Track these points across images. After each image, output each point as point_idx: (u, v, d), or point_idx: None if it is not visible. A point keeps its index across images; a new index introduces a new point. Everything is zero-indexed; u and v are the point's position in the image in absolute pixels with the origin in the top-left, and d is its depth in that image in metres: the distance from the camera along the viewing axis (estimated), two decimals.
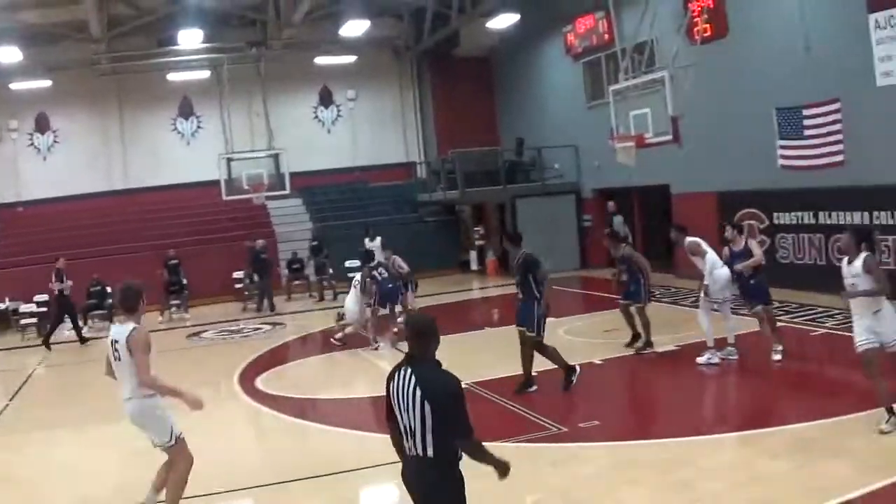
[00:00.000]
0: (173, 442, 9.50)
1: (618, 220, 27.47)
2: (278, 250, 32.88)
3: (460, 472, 6.42)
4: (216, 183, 32.72)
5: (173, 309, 28.53)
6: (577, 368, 14.50)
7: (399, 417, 6.43)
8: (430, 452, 6.30)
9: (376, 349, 19.83)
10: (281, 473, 11.03)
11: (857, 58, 19.45)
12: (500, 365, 16.17)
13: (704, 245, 15.97)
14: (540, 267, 14.48)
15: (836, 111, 20.71)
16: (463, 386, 6.41)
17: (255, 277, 29.30)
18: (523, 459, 10.76)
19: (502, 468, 6.57)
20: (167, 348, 22.68)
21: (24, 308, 28.69)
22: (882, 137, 19.49)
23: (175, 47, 33.62)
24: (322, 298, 29.70)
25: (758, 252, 15.49)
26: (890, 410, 10.42)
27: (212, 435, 13.37)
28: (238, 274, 30.99)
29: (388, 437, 6.63)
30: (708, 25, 23.69)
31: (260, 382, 17.03)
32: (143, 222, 34.48)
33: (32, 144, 36.32)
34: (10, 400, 17.96)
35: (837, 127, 20.72)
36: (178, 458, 9.56)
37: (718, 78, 23.61)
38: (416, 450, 6.35)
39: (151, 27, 33.98)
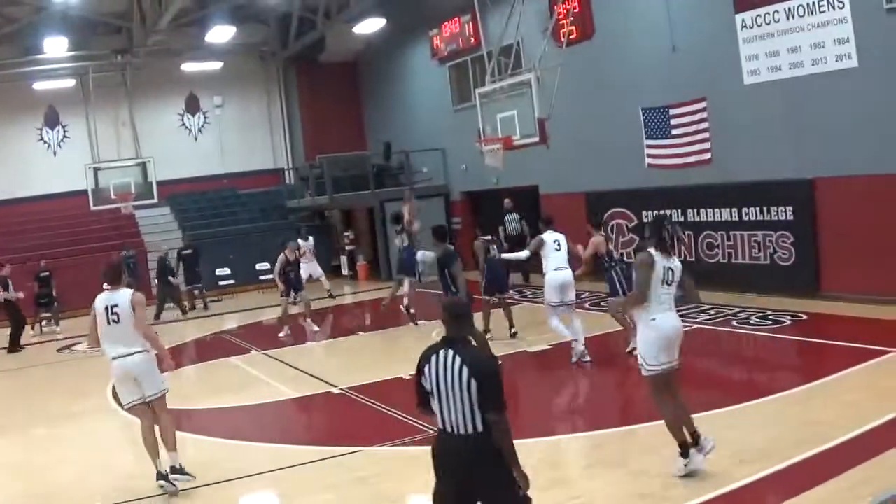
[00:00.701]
0: (161, 393, 10.73)
1: (513, 217, 27.51)
2: (147, 260, 32.31)
3: None
4: (84, 193, 32.19)
5: (44, 322, 27.79)
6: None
7: (440, 398, 6.54)
8: (479, 428, 6.44)
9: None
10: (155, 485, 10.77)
11: (724, 57, 20.03)
12: (374, 369, 16.28)
13: None
14: (454, 262, 14.80)
15: (703, 110, 21.19)
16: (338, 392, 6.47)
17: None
18: (405, 462, 10.83)
19: (525, 481, 6.67)
20: (38, 362, 22.28)
21: None
22: (749, 135, 20.06)
23: (41, 56, 32.92)
24: (193, 308, 29.07)
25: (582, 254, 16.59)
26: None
27: (86, 448, 13.30)
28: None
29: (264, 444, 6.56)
30: (574, 27, 23.95)
31: None
32: (11, 235, 33.61)
33: None
34: None
35: (704, 125, 21.21)
36: (163, 406, 10.77)
37: (586, 79, 23.97)
38: (463, 428, 6.46)
39: (17, 35, 33.18)
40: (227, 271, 29.61)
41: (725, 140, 20.69)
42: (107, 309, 10.49)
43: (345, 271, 34.21)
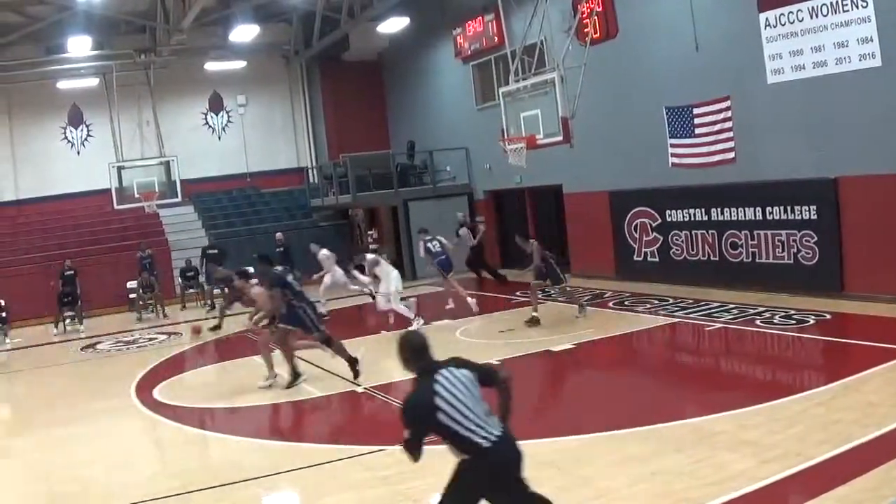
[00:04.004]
0: None
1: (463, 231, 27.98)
2: (171, 259, 32.46)
3: None
4: (108, 192, 32.36)
5: (67, 321, 27.82)
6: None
7: (461, 414, 6.61)
8: (502, 425, 6.76)
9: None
10: (182, 484, 10.82)
11: (748, 56, 19.94)
12: (397, 369, 16.07)
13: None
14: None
15: (727, 109, 21.09)
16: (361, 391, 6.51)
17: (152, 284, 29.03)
18: (428, 461, 10.81)
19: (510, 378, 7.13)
20: (62, 361, 22.35)
21: None
22: (773, 134, 19.97)
23: (64, 55, 33.05)
24: (213, 307, 28.94)
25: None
26: None
27: (110, 448, 13.30)
28: (132, 284, 30.46)
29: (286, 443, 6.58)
30: (597, 27, 23.91)
31: (158, 393, 16.72)
32: (35, 234, 33.93)
33: None
34: None
35: (728, 125, 21.11)
36: None
37: (609, 78, 23.94)
38: (493, 431, 6.63)
39: (40, 35, 33.39)
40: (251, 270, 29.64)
41: (749, 139, 20.60)
42: None
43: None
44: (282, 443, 12.62)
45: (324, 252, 24.32)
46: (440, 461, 7.27)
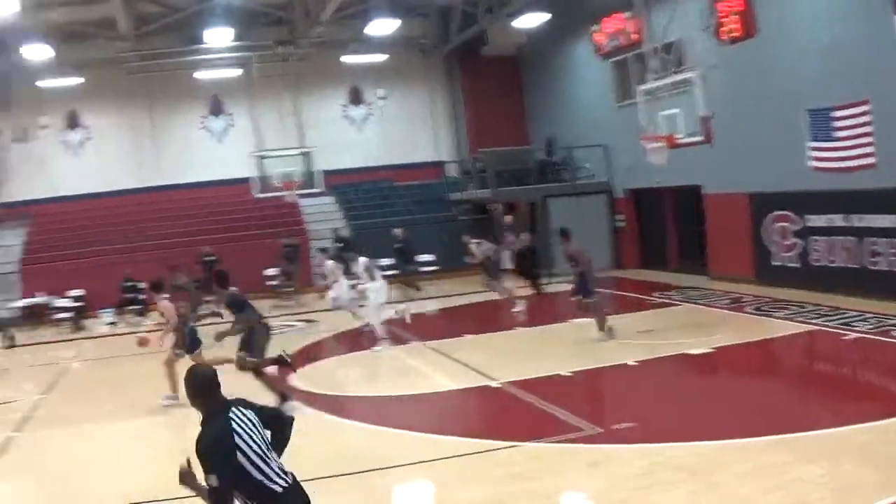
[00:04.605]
0: None
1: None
2: (309, 248, 32.97)
3: None
4: (248, 180, 32.99)
5: (213, 305, 28.26)
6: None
7: (254, 455, 6.10)
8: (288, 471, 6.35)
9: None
10: (312, 470, 10.81)
11: (887, 58, 19.45)
12: (533, 365, 16.32)
13: None
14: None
15: (867, 112, 20.62)
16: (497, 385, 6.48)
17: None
18: (561, 459, 10.90)
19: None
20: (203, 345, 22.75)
21: (57, 303, 29.13)
22: None
23: (204, 45, 33.72)
24: None
25: None
26: None
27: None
28: (271, 271, 31.06)
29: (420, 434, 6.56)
30: (736, 25, 23.65)
31: (293, 379, 16.91)
32: (175, 220, 34.73)
33: (64, 141, 36.60)
34: (45, 394, 18.28)
35: (868, 129, 20.61)
36: None
37: (748, 77, 23.62)
38: (285, 478, 6.23)
39: (180, 25, 34.20)
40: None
41: (888, 144, 20.11)
42: None
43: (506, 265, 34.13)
44: (415, 434, 12.67)
45: (329, 263, 24.10)
46: (572, 459, 7.39)
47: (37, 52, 29.99)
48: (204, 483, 6.05)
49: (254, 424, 6.24)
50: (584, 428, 12.03)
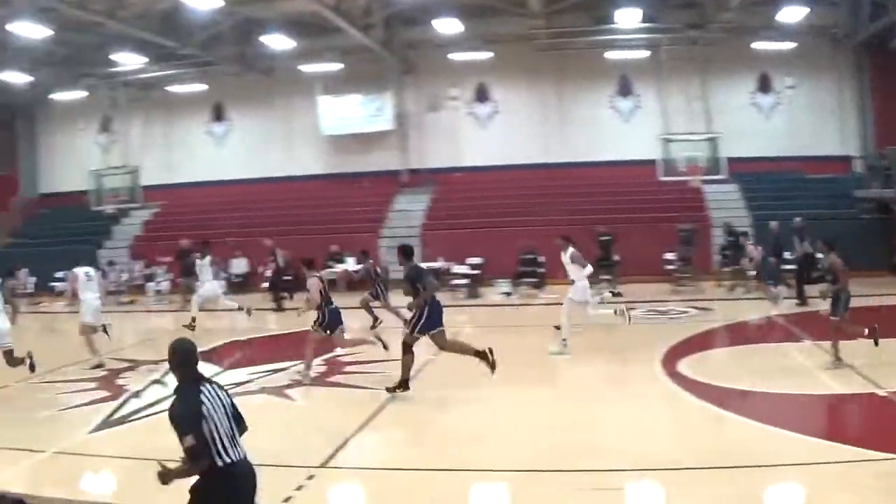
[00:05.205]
0: None
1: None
2: (711, 235, 32.83)
3: None
4: (651, 163, 33.24)
5: (603, 284, 28.72)
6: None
7: (218, 430, 6.84)
8: (242, 446, 7.12)
9: None
10: (692, 460, 11.15)
11: None
12: None
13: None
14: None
15: None
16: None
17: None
18: None
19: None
20: (592, 322, 23.14)
21: (456, 269, 30.54)
22: None
23: (613, 25, 34.11)
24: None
25: None
26: None
27: (625, 411, 14.05)
28: (670, 255, 31.15)
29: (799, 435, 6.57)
30: None
31: (682, 366, 17.06)
32: (575, 196, 35.41)
33: (472, 113, 38.25)
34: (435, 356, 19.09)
35: None
36: None
37: None
38: (240, 452, 7.03)
39: (590, 4, 34.77)
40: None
41: None
42: None
43: None
44: (793, 434, 12.37)
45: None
46: None
47: (448, 26, 31.53)
48: (177, 465, 6.83)
49: (222, 401, 7.02)
50: None
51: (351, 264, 32.40)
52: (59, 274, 32.22)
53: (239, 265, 34.51)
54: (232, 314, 25.77)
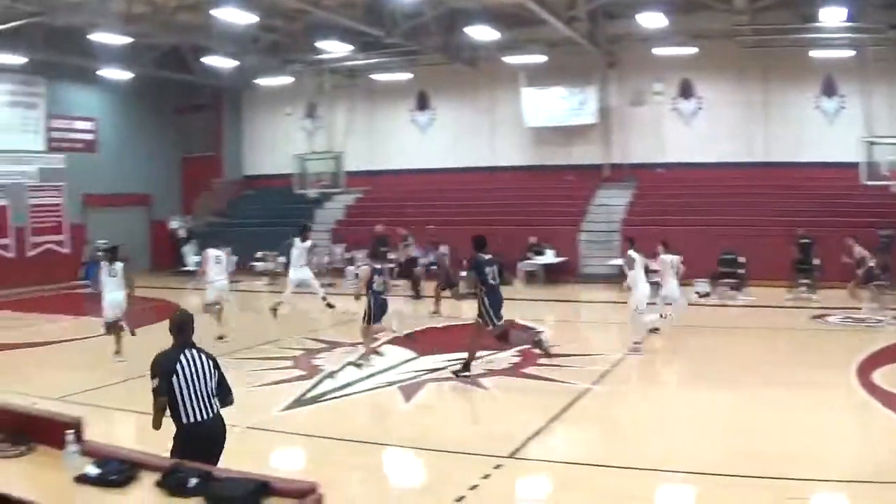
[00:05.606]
0: None
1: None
2: None
3: None
4: (853, 165, 32.89)
5: (802, 288, 28.80)
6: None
7: (190, 390, 8.28)
8: (217, 408, 8.50)
9: None
10: (877, 473, 11.02)
11: None
12: None
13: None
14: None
15: None
16: None
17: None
18: None
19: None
20: (788, 326, 23.15)
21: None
22: None
23: (818, 24, 33.65)
24: None
25: None
26: None
27: (816, 420, 13.97)
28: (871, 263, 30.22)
29: None
30: None
31: (878, 376, 16.62)
32: (777, 198, 34.95)
33: (675, 109, 38.35)
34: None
35: None
36: None
37: None
38: (208, 411, 8.36)
39: (795, 1, 34.12)
40: None
41: None
42: None
43: None
44: None
45: None
46: None
47: (652, 20, 31.71)
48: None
49: (202, 366, 8.43)
50: None
51: (550, 256, 33.02)
52: (259, 254, 34.42)
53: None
54: (445, 301, 26.49)
